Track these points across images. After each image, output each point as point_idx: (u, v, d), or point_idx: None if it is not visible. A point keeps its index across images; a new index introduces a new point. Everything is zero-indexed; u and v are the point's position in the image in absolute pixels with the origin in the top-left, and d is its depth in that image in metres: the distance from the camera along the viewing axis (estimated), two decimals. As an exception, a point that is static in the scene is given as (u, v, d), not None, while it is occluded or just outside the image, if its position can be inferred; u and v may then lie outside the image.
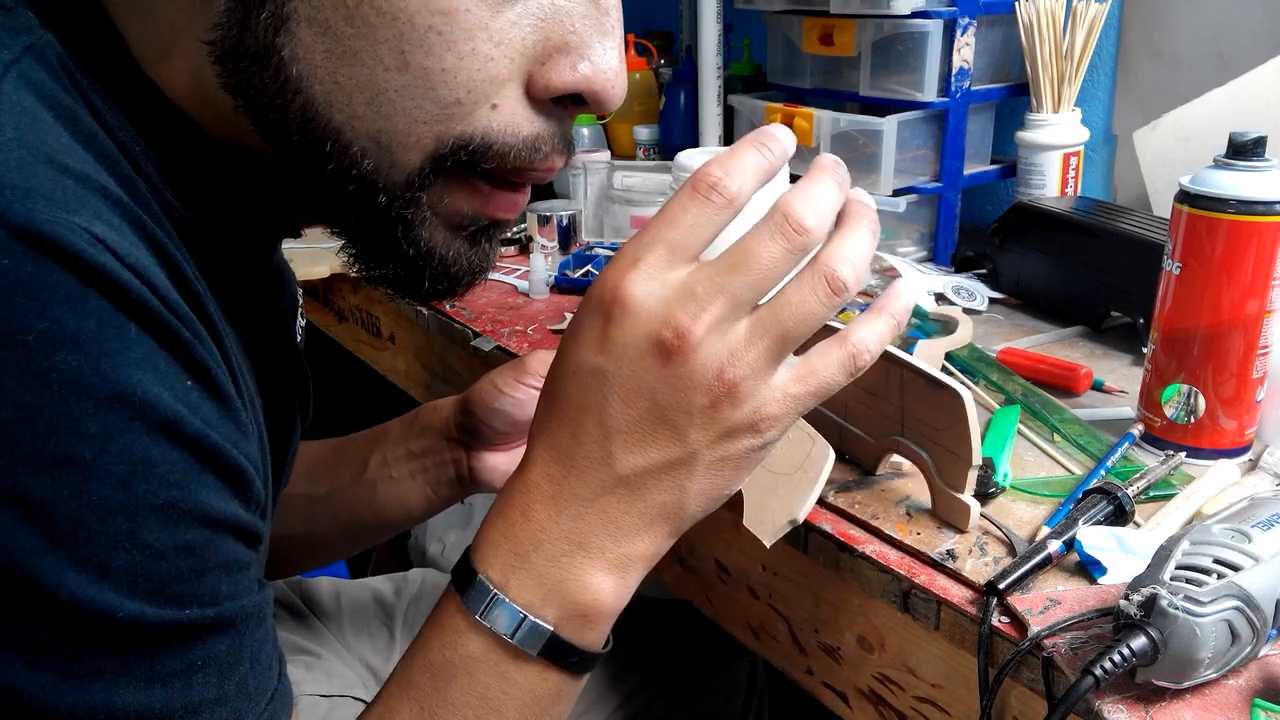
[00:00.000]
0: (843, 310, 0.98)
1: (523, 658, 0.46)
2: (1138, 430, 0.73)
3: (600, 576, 0.46)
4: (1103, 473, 0.68)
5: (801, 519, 0.58)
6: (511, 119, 0.44)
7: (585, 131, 1.43)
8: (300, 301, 0.66)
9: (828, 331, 0.47)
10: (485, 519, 0.48)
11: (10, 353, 0.34)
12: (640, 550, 0.46)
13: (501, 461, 0.73)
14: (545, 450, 0.47)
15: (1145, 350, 0.73)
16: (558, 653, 0.46)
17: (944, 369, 0.84)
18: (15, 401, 0.34)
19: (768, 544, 0.58)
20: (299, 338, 0.62)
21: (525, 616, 0.45)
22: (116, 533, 0.36)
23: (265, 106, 0.43)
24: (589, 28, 0.45)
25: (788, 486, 0.59)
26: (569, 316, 1.01)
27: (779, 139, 0.46)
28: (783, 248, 0.44)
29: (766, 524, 0.59)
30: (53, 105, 0.40)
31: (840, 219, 0.46)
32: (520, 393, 0.69)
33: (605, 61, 0.45)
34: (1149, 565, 0.51)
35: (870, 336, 0.46)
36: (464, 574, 0.47)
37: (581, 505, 0.46)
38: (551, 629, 0.45)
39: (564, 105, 0.46)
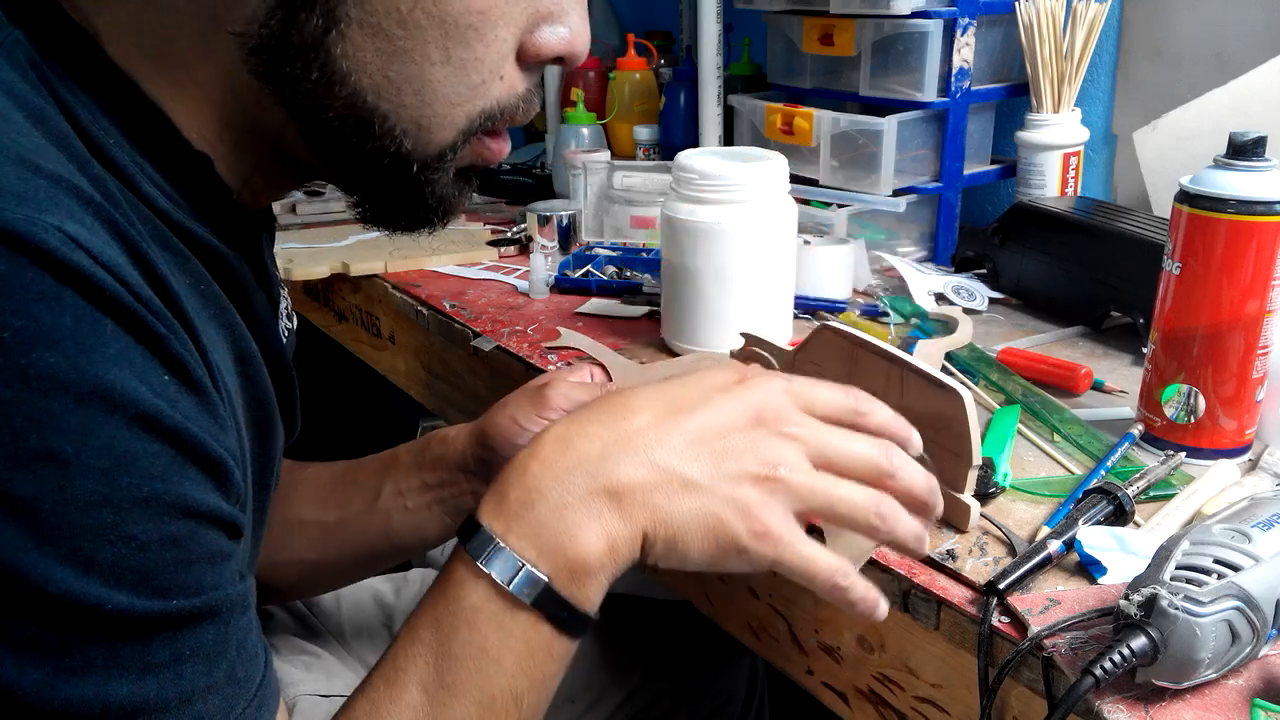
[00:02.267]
0: (842, 310, 0.98)
1: (519, 607, 0.48)
2: (1138, 430, 0.73)
3: (594, 537, 0.49)
4: (1103, 473, 0.68)
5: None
6: (512, 83, 0.51)
7: (585, 131, 1.43)
8: (287, 304, 0.66)
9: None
10: (495, 475, 0.52)
11: None
12: (626, 521, 0.50)
13: None
14: (603, 415, 0.52)
15: (1145, 350, 0.73)
16: (551, 605, 0.49)
17: (944, 369, 0.84)
18: None
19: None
20: (285, 338, 0.62)
21: (523, 565, 0.48)
22: (101, 526, 0.36)
23: (304, 94, 0.47)
24: None
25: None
26: (565, 332, 0.98)
27: (912, 441, 0.56)
28: (875, 453, 0.53)
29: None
30: (23, 105, 0.41)
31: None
32: (540, 427, 0.68)
33: (580, 25, 0.52)
34: (1149, 565, 0.51)
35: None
36: (468, 525, 0.51)
37: (609, 461, 0.50)
38: (546, 580, 0.48)
39: (544, 64, 0.53)
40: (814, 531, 0.58)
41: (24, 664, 0.36)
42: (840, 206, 1.13)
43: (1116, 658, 0.47)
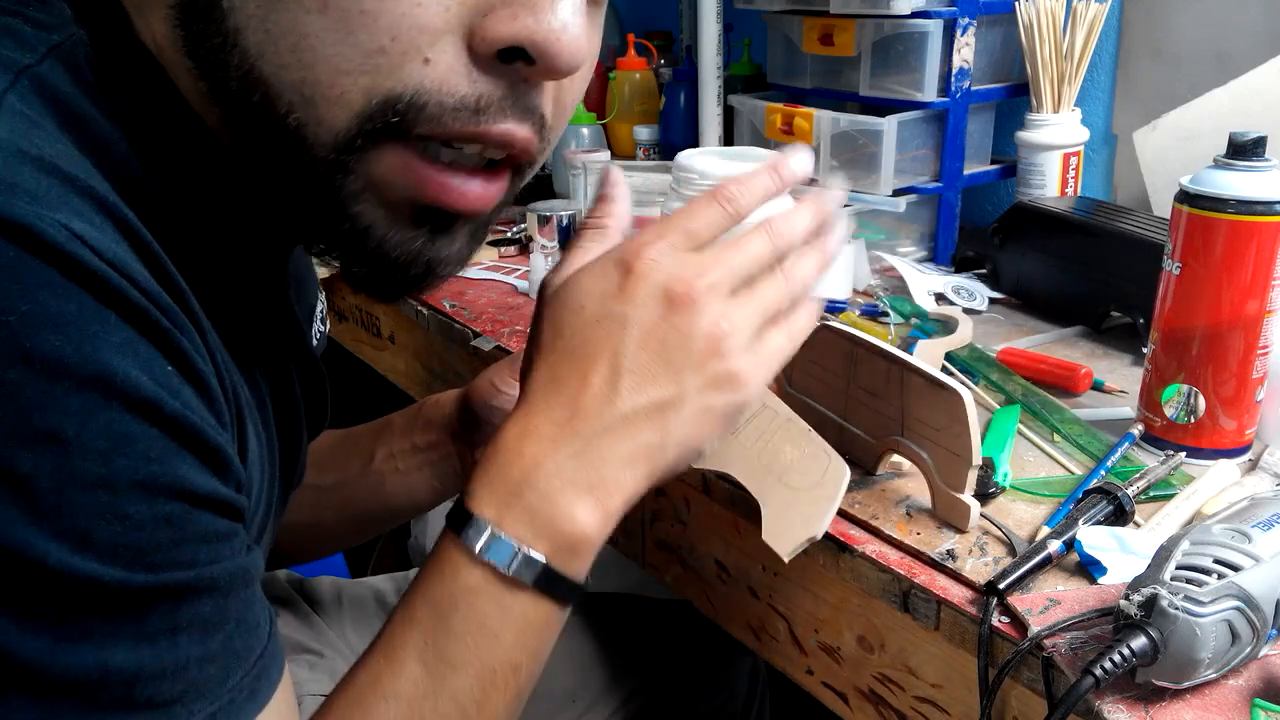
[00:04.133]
0: (842, 310, 0.99)
1: (518, 587, 0.49)
2: (1138, 430, 0.73)
3: (587, 511, 0.49)
4: (1103, 473, 0.68)
5: (820, 535, 0.59)
6: (448, 75, 0.42)
7: (585, 131, 1.43)
8: (322, 308, 0.66)
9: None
10: (478, 465, 0.51)
11: None
12: (623, 486, 0.50)
13: None
14: (550, 396, 0.50)
15: (1145, 350, 0.73)
16: (549, 582, 0.49)
17: (944, 369, 0.84)
18: None
19: (786, 558, 0.59)
20: (315, 342, 0.63)
21: (520, 549, 0.48)
22: (98, 505, 0.37)
23: (214, 64, 0.43)
24: None
25: (806, 502, 0.60)
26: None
27: (791, 168, 0.54)
28: (766, 244, 0.53)
29: (785, 539, 0.60)
30: (62, 110, 0.41)
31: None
32: (517, 390, 0.70)
33: (552, 12, 0.42)
34: (1149, 565, 0.51)
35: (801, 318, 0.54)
36: (459, 515, 0.50)
37: (581, 443, 0.49)
38: (544, 560, 0.49)
39: (514, 64, 0.43)
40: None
41: (26, 632, 0.36)
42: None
43: (1116, 658, 0.47)
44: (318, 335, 0.64)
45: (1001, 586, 0.56)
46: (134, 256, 0.39)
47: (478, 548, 0.48)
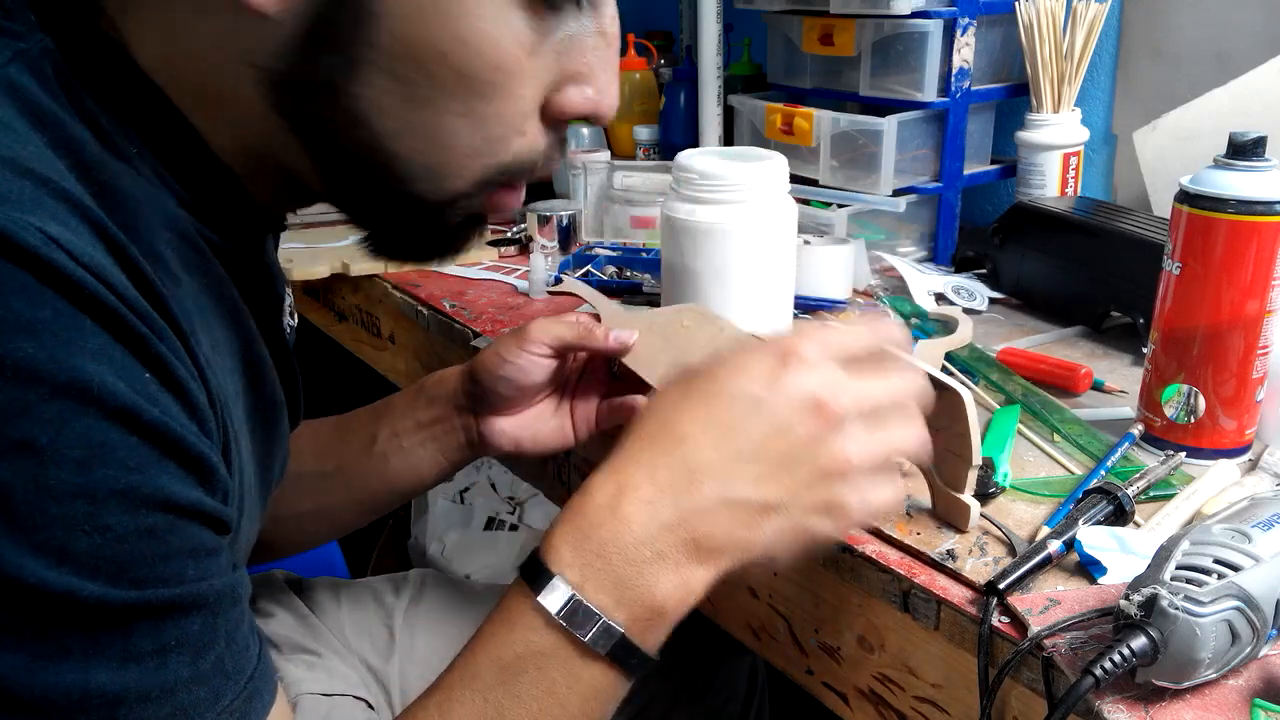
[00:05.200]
0: (842, 309, 0.99)
1: (592, 656, 0.49)
2: (1138, 430, 0.73)
3: (671, 586, 0.49)
4: (1103, 473, 0.68)
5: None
6: (535, 139, 0.51)
7: (585, 131, 1.43)
8: (290, 300, 0.66)
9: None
10: (560, 515, 0.51)
11: None
12: (705, 570, 0.50)
13: (509, 425, 0.75)
14: (656, 453, 0.51)
15: (1145, 350, 0.73)
16: (624, 653, 0.49)
17: (944, 369, 0.84)
18: None
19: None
20: (288, 333, 0.63)
21: (601, 618, 0.49)
22: (76, 516, 0.36)
23: (322, 133, 0.48)
24: (598, 59, 0.50)
25: None
26: (566, 279, 1.05)
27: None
28: (900, 385, 0.54)
29: None
30: (32, 112, 0.41)
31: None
32: (523, 359, 0.71)
33: (607, 85, 0.51)
34: (1149, 565, 0.51)
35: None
36: (536, 570, 0.50)
37: (678, 515, 0.49)
38: (623, 631, 0.49)
39: (568, 119, 0.52)
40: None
41: (3, 649, 0.36)
42: (840, 206, 1.13)
43: (1116, 658, 0.47)
44: (288, 329, 0.64)
45: (1001, 586, 0.56)
46: (111, 260, 0.39)
47: (555, 610, 0.48)
